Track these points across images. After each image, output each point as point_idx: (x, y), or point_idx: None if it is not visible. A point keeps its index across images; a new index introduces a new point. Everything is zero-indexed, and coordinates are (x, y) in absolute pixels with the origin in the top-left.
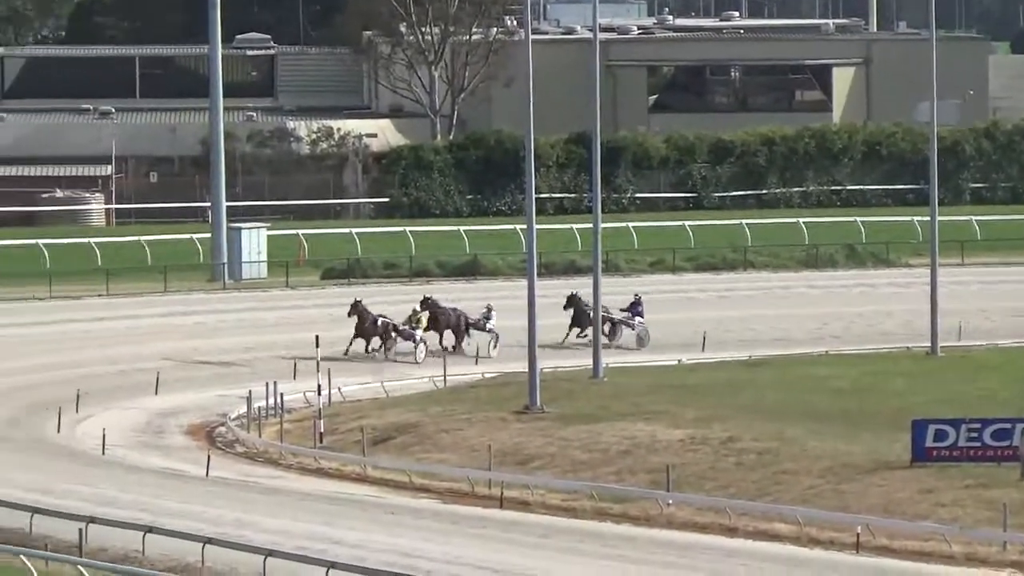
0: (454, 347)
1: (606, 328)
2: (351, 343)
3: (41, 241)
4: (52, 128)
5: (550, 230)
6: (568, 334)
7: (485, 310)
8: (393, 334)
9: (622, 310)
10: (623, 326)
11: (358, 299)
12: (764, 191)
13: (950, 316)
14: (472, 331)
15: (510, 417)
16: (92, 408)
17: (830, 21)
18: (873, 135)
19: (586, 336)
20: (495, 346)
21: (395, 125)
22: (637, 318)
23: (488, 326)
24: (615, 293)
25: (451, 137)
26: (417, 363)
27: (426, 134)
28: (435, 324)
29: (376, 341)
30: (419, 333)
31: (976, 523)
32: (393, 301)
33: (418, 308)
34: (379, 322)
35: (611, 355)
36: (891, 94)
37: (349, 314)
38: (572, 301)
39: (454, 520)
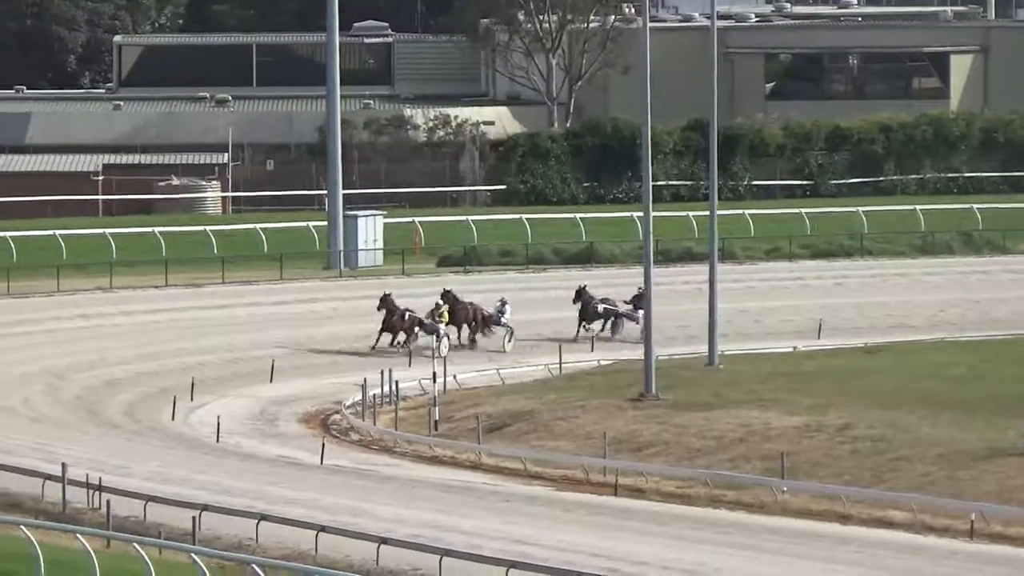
0: (471, 341)
1: (605, 323)
2: (379, 337)
3: (157, 229)
4: (169, 116)
5: (666, 217)
6: (579, 329)
7: (499, 303)
8: (416, 328)
9: (625, 302)
10: (624, 319)
11: (387, 292)
12: (881, 178)
13: None
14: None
15: (625, 404)
16: (207, 396)
17: (948, 8)
18: (990, 122)
19: (591, 330)
20: (510, 340)
21: (512, 113)
22: (640, 311)
23: (503, 320)
24: (728, 280)
25: (568, 125)
26: (441, 356)
27: (543, 122)
28: (452, 318)
29: (402, 336)
30: (442, 327)
31: None
32: (506, 289)
33: (440, 301)
34: (406, 316)
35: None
36: (1009, 81)
37: (379, 308)
38: (580, 295)
39: (568, 508)
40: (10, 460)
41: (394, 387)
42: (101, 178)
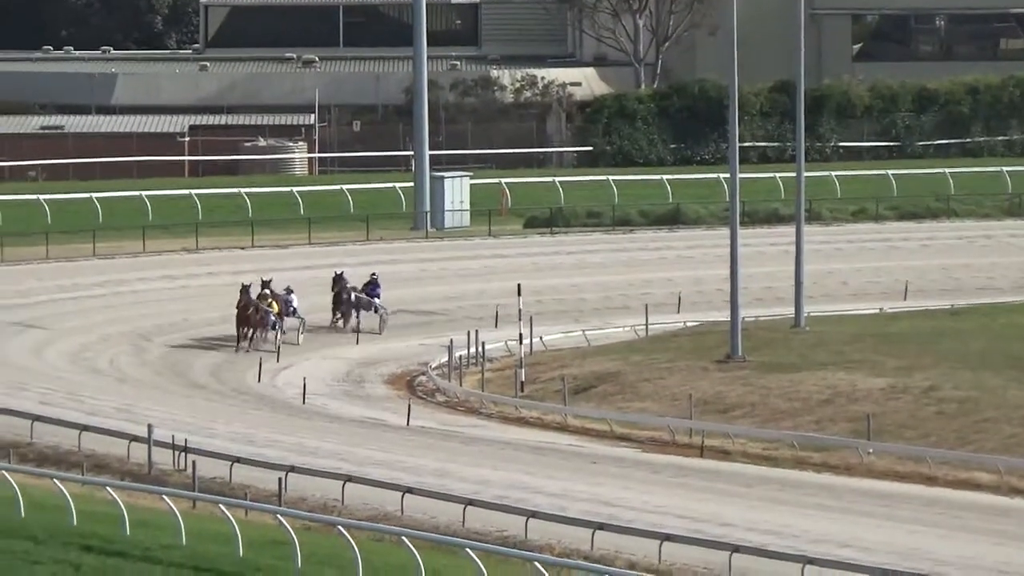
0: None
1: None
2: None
3: (244, 190)
4: (255, 77)
5: (753, 179)
6: (334, 318)
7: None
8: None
9: (356, 290)
10: (362, 309)
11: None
12: (967, 140)
13: None
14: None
15: (711, 366)
16: (292, 357)
17: None
18: None
19: (339, 320)
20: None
21: (599, 74)
22: (376, 300)
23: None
24: (814, 242)
25: (655, 86)
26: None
27: (630, 83)
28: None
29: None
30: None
31: None
32: (593, 250)
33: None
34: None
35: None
36: None
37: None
38: (336, 282)
39: (654, 469)
40: (96, 421)
41: (480, 348)
42: (187, 139)
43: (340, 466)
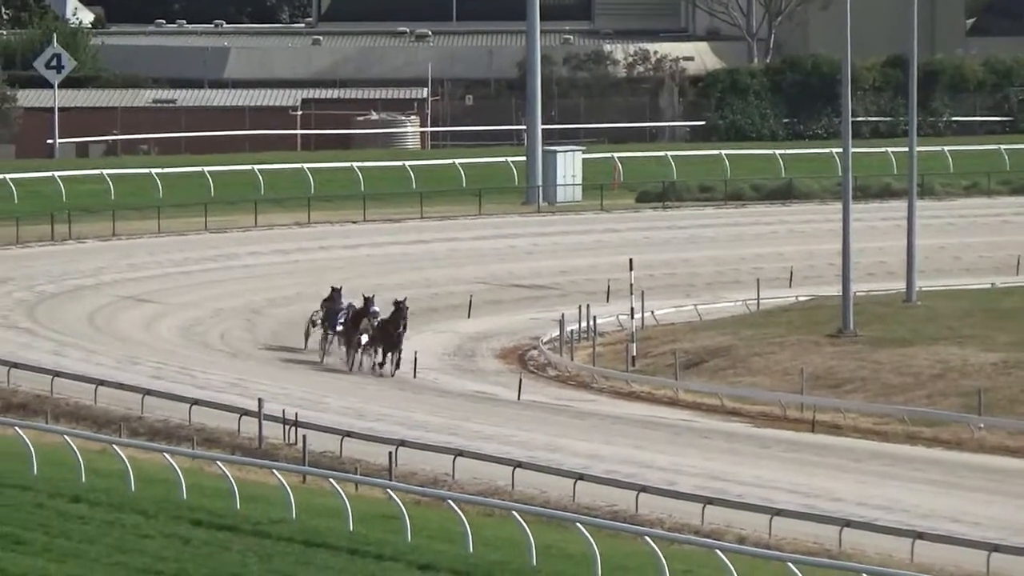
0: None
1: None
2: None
3: (356, 164)
4: (368, 51)
5: (865, 153)
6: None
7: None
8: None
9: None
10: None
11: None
12: None
13: None
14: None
15: (822, 341)
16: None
17: None
18: None
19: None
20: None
21: (712, 48)
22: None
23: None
24: (926, 216)
25: (767, 60)
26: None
27: (742, 57)
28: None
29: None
30: None
31: None
32: (705, 225)
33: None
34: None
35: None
36: None
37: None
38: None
39: (765, 444)
40: (207, 395)
41: (592, 323)
42: (300, 113)
43: (450, 440)
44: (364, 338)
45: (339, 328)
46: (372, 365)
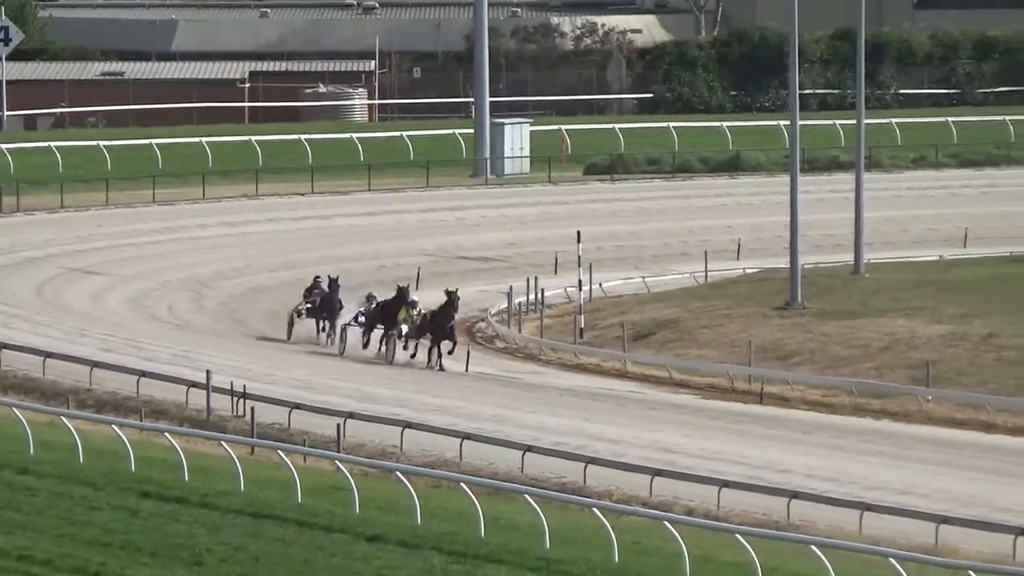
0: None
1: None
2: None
3: (304, 136)
4: (315, 23)
5: (813, 126)
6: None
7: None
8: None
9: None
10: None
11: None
12: None
13: None
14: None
15: (770, 313)
16: (352, 304)
17: None
18: None
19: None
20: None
21: (659, 21)
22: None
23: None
24: (874, 189)
25: (715, 33)
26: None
27: (690, 30)
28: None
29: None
30: None
31: None
32: (653, 197)
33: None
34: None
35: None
36: None
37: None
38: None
39: (713, 416)
40: (156, 368)
41: (540, 295)
42: (247, 85)
43: (399, 412)
44: (404, 329)
45: (361, 320)
46: (416, 357)
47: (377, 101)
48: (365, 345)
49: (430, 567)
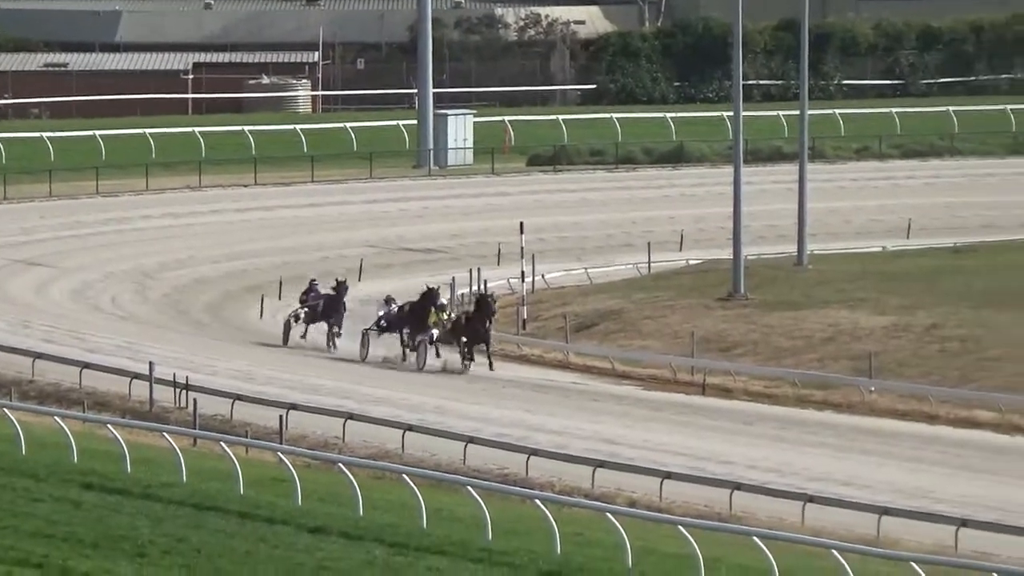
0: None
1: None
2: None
3: (247, 128)
4: (259, 15)
5: (756, 117)
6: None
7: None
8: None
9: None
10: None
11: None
12: (972, 78)
13: None
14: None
15: (713, 304)
16: (295, 295)
17: None
18: None
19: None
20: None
21: (603, 12)
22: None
23: None
24: (818, 180)
25: (659, 24)
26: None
27: (634, 21)
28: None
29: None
30: None
31: None
32: (596, 188)
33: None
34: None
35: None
36: None
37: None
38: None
39: (656, 407)
40: (98, 359)
41: (483, 286)
42: (191, 77)
43: (341, 404)
44: (435, 333)
45: (383, 324)
46: (445, 362)
47: (320, 92)
48: (405, 356)
49: (372, 558)
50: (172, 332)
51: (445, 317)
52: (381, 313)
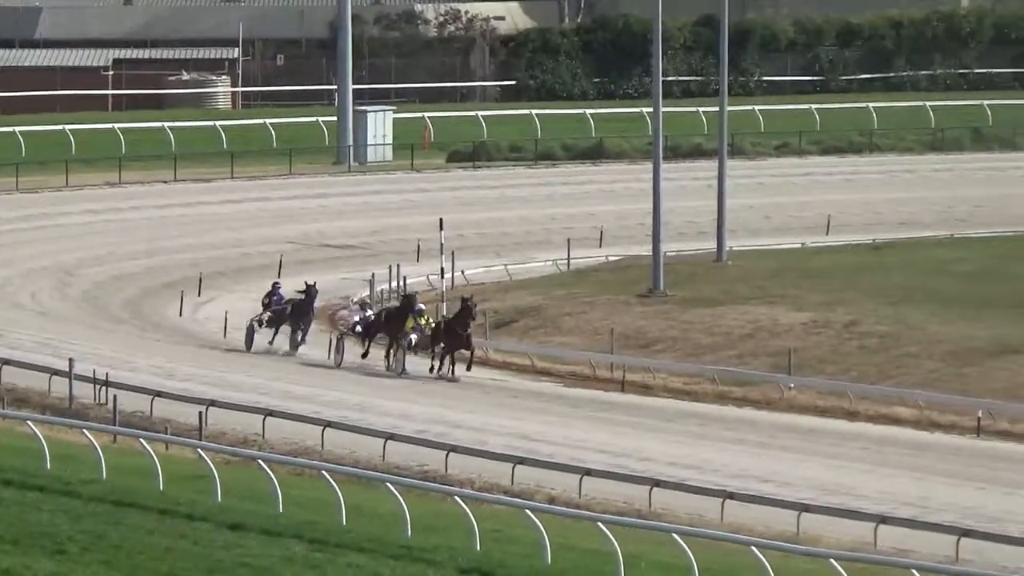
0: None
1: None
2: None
3: (167, 124)
4: (179, 11)
5: (676, 113)
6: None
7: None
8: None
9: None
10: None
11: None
12: (891, 74)
13: None
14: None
15: (633, 300)
16: (214, 291)
17: None
18: (1002, 19)
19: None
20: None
21: (523, 8)
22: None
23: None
24: (737, 176)
25: (578, 20)
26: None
27: (553, 17)
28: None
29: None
30: None
31: None
32: (516, 184)
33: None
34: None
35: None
36: None
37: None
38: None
39: (575, 403)
40: (17, 355)
41: (402, 282)
42: (111, 73)
43: (261, 400)
44: (413, 338)
45: (358, 330)
46: (433, 368)
47: (240, 88)
48: (364, 355)
49: (292, 555)
50: (92, 329)
51: (423, 322)
52: (357, 319)
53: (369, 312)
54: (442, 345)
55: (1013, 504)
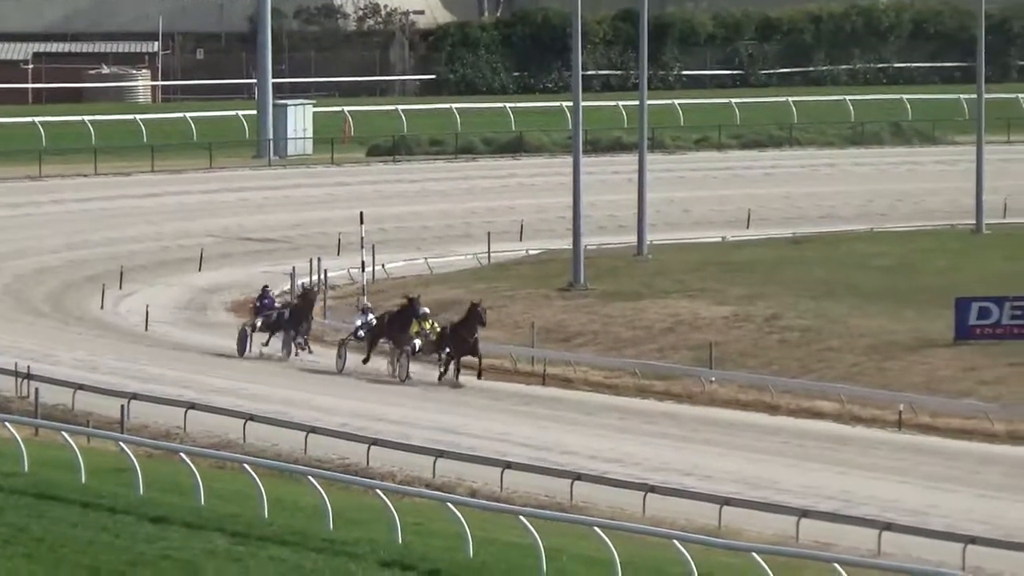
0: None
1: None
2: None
3: (87, 118)
4: (99, 4)
5: (596, 107)
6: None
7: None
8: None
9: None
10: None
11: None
12: (811, 68)
13: (996, 194)
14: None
15: (553, 294)
16: (136, 284)
17: None
18: (921, 13)
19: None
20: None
21: (442, 2)
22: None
23: None
24: (657, 170)
25: (498, 14)
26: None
27: (473, 11)
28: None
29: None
30: None
31: (1018, 400)
32: (436, 178)
33: None
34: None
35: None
36: None
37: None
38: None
39: (496, 397)
40: None
41: (323, 276)
42: (31, 66)
43: (183, 393)
44: (417, 343)
45: (361, 334)
46: (440, 375)
47: (160, 82)
48: (365, 360)
49: (214, 548)
50: (14, 322)
51: (428, 327)
52: (359, 323)
53: (371, 316)
54: (447, 351)
55: (934, 497)
